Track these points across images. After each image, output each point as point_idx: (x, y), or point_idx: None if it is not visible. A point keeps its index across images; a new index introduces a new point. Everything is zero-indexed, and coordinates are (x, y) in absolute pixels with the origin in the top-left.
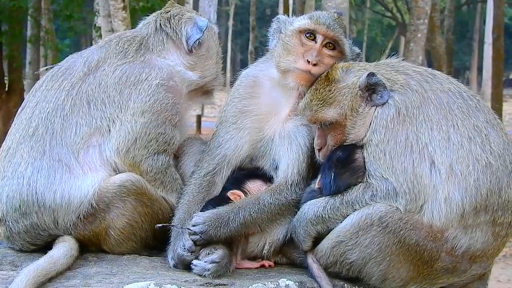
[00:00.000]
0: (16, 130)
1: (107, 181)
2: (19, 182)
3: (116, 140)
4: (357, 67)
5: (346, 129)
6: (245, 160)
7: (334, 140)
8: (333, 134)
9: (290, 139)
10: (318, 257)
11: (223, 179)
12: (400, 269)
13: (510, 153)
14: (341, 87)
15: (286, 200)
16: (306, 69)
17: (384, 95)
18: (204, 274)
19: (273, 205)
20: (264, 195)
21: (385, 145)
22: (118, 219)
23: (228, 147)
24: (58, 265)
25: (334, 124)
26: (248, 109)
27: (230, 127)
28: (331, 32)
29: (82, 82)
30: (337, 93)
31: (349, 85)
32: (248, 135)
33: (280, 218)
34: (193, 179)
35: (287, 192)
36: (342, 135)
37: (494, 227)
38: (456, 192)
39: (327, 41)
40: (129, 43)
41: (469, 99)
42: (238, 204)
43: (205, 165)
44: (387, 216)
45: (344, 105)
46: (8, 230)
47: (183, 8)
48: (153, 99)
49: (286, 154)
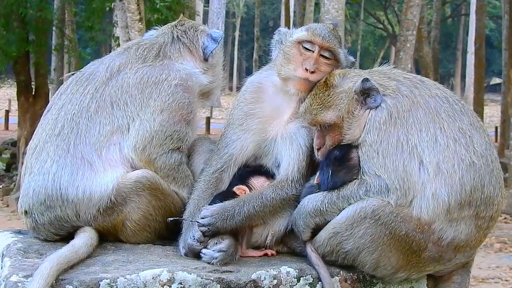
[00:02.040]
0: (42, 130)
1: (125, 177)
2: (45, 178)
3: (134, 138)
4: (352, 74)
5: (343, 130)
6: (250, 159)
7: (332, 140)
8: (331, 135)
9: (291, 140)
10: (316, 247)
11: (230, 176)
12: (391, 258)
13: (491, 153)
14: (339, 92)
15: (287, 195)
16: (305, 76)
17: (377, 99)
18: (212, 261)
19: (275, 199)
20: (267, 191)
21: (378, 145)
22: (134, 212)
23: (234, 147)
24: (79, 253)
25: (332, 126)
26: (253, 112)
27: (237, 128)
28: (327, 42)
29: (105, 86)
30: (335, 97)
31: (345, 90)
32: (253, 136)
33: (281, 212)
34: (203, 176)
35: (288, 187)
36: (339, 135)
37: (477, 220)
38: (443, 189)
39: (323, 51)
40: (148, 50)
41: (454, 103)
42: (243, 199)
43: (213, 163)
44: (379, 209)
45: (341, 108)
46: (34, 222)
47: (195, 22)
48: (172, 98)
49: (287, 153)
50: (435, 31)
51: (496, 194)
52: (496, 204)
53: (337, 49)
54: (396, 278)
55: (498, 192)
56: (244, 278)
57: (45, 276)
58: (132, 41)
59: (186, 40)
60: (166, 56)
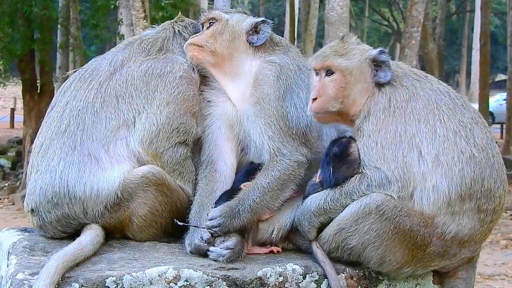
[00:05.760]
0: (48, 127)
1: (131, 173)
2: (52, 176)
3: (141, 131)
4: (368, 46)
5: (347, 85)
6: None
7: (334, 92)
8: (334, 85)
9: (252, 117)
10: (322, 244)
11: (226, 164)
12: (396, 253)
13: (492, 147)
14: (355, 48)
15: (280, 173)
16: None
17: (387, 75)
18: (219, 259)
19: (272, 183)
20: (259, 179)
21: (376, 135)
22: (141, 207)
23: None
24: (85, 251)
25: (338, 75)
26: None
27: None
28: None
29: (109, 80)
30: (350, 49)
31: (361, 49)
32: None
33: (283, 193)
34: (199, 173)
35: (277, 164)
36: (343, 90)
37: (479, 214)
38: (443, 181)
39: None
40: (151, 44)
41: (456, 98)
42: (241, 196)
43: (202, 158)
44: (383, 204)
45: (353, 61)
46: (40, 220)
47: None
48: (177, 90)
49: (255, 132)
50: (440, 28)
51: (497, 187)
52: (497, 197)
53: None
54: (401, 273)
55: (500, 186)
56: (250, 275)
57: (51, 274)
58: (134, 37)
59: (187, 35)
60: (168, 50)
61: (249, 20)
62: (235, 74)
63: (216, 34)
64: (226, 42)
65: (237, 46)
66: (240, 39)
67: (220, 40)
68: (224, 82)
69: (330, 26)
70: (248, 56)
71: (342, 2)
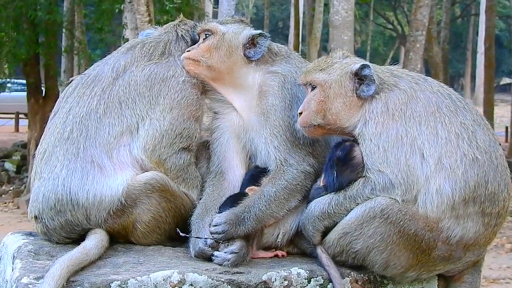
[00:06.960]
0: (51, 134)
1: (134, 179)
2: (55, 183)
3: (144, 138)
4: (356, 59)
5: (327, 99)
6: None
7: (315, 105)
8: (315, 99)
9: (257, 127)
10: (326, 248)
11: (235, 174)
12: (401, 257)
13: (496, 150)
14: (335, 62)
15: (287, 182)
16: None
17: (370, 90)
18: (224, 263)
19: (278, 192)
20: (266, 188)
21: (377, 138)
22: (144, 213)
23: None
24: (90, 255)
25: (318, 89)
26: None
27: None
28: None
29: (112, 86)
30: (331, 64)
31: (342, 63)
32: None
33: (288, 203)
34: (208, 181)
35: (284, 174)
36: (323, 103)
37: (483, 218)
38: (446, 185)
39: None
40: (154, 48)
41: (457, 100)
42: (247, 203)
43: (211, 168)
44: (388, 208)
45: (333, 75)
46: (44, 227)
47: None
48: (181, 95)
49: (261, 141)
50: (444, 31)
51: (501, 190)
52: (501, 201)
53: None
54: (406, 278)
55: (504, 189)
56: (254, 279)
57: (56, 278)
58: (135, 40)
59: (189, 38)
60: (171, 54)
61: (246, 32)
62: (237, 86)
63: (212, 48)
64: (223, 58)
65: (235, 60)
66: (237, 53)
67: (216, 56)
68: (227, 94)
69: (334, 29)
70: (249, 69)
71: (346, 5)
